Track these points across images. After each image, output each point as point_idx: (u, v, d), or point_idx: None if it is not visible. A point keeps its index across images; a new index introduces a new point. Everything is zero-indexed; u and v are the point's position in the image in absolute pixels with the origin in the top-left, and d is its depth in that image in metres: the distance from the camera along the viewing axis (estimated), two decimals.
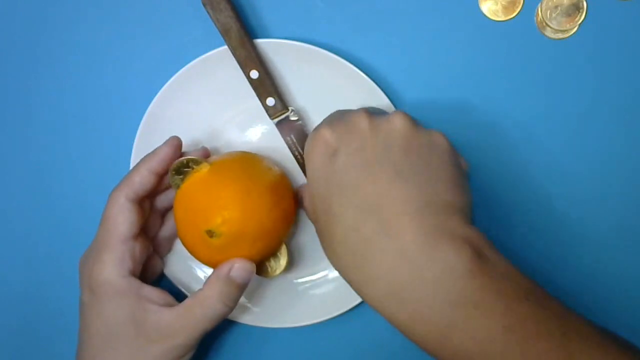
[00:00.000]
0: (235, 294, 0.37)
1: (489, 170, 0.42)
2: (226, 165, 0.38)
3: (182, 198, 0.38)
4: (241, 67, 0.40)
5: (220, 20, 0.40)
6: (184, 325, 0.36)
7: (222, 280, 0.37)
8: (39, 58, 0.46)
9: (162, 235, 0.42)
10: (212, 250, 0.37)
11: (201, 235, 0.36)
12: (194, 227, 0.37)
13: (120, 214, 0.37)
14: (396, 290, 0.31)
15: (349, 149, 0.33)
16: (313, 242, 0.41)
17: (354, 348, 0.44)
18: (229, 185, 0.37)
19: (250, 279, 0.38)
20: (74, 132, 0.46)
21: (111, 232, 0.37)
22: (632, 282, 0.42)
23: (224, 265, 0.37)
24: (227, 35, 0.40)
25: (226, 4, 0.40)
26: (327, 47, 0.41)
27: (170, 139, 0.39)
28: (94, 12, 0.45)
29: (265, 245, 0.38)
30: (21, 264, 0.46)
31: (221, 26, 0.40)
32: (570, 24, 0.41)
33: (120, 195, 0.38)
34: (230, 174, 0.38)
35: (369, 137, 0.33)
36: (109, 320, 0.37)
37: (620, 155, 0.42)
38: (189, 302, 0.37)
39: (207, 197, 0.37)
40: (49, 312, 0.46)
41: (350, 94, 0.41)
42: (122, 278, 0.37)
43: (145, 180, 0.38)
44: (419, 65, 0.43)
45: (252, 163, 0.39)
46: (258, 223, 0.37)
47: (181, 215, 0.38)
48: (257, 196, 0.37)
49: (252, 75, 0.41)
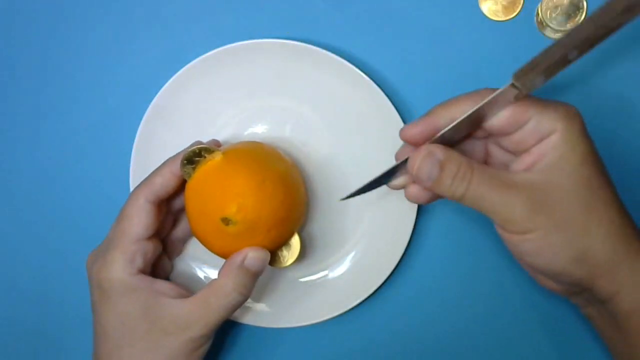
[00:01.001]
0: (250, 283, 0.37)
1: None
2: (239, 154, 0.38)
3: (195, 187, 0.37)
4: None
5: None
6: (200, 316, 0.36)
7: (236, 268, 0.36)
8: (39, 58, 0.46)
9: (174, 236, 0.42)
10: (227, 239, 0.37)
11: (215, 223, 0.36)
12: (208, 216, 0.37)
13: (137, 215, 0.37)
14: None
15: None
16: (322, 234, 0.42)
17: (354, 348, 0.44)
18: (244, 173, 0.36)
19: (264, 267, 0.38)
20: (74, 132, 0.46)
21: (125, 232, 0.37)
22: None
23: (237, 254, 0.37)
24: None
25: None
26: (327, 47, 0.41)
27: (195, 143, 0.39)
28: (94, 13, 0.45)
29: (279, 234, 0.38)
30: (30, 261, 0.46)
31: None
32: (570, 24, 0.41)
33: (140, 196, 0.38)
34: (244, 162, 0.37)
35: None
36: (123, 317, 0.37)
37: (621, 154, 0.42)
38: (203, 292, 0.37)
39: (222, 185, 0.36)
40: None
41: (350, 94, 0.41)
42: (132, 276, 0.37)
43: (167, 183, 0.38)
44: (418, 65, 0.43)
45: (264, 152, 0.39)
46: (272, 211, 0.37)
47: (194, 204, 0.37)
48: (271, 184, 0.37)
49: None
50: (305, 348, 0.44)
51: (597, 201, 0.32)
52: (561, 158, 0.32)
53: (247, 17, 0.44)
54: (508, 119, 0.32)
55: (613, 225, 0.32)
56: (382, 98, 0.40)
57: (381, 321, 0.44)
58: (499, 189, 0.32)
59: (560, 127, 0.32)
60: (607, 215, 0.32)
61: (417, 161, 0.33)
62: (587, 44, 0.28)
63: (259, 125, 0.43)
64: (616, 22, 0.27)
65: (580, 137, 0.32)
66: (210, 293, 0.37)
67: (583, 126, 0.32)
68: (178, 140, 0.43)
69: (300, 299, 0.43)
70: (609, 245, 0.32)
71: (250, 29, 0.43)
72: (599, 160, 0.33)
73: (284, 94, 0.43)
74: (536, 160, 0.32)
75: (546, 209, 0.32)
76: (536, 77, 0.30)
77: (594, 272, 0.32)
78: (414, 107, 0.43)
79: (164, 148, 0.42)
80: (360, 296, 0.41)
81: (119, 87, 0.45)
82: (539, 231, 0.32)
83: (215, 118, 0.43)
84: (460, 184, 0.32)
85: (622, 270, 0.32)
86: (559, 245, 0.32)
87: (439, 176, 0.32)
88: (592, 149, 0.33)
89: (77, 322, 0.45)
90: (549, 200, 0.32)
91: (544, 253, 0.32)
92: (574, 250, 0.32)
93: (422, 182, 0.33)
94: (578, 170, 0.32)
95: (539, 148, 0.32)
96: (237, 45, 0.41)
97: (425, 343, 0.43)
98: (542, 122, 0.32)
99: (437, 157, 0.32)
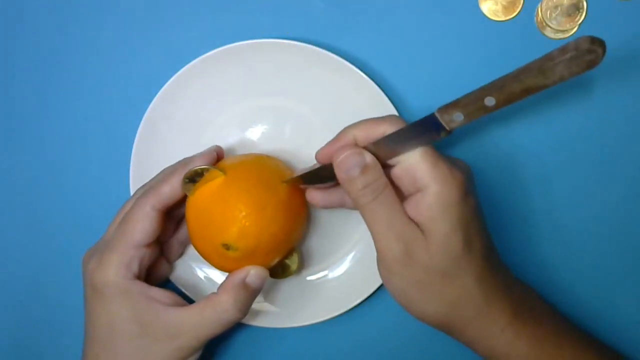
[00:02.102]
0: (249, 301, 0.37)
1: (487, 168, 0.42)
2: (241, 175, 0.38)
3: (195, 206, 0.38)
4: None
5: None
6: (193, 326, 0.36)
7: (237, 286, 0.37)
8: (40, 58, 0.46)
9: (175, 240, 0.42)
10: (227, 260, 0.37)
11: (216, 246, 0.37)
12: (209, 238, 0.37)
13: (141, 221, 0.37)
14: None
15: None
16: (323, 234, 0.43)
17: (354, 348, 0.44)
18: (245, 199, 0.37)
19: (264, 285, 0.38)
20: (74, 132, 0.46)
21: (126, 236, 0.37)
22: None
23: (239, 272, 0.37)
24: None
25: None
26: (327, 47, 0.41)
27: (206, 151, 0.39)
28: (94, 13, 0.45)
29: (279, 255, 0.39)
30: (30, 261, 0.46)
31: None
32: (570, 24, 0.41)
33: (146, 203, 0.38)
34: (246, 186, 0.37)
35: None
36: (113, 317, 0.37)
37: (621, 155, 0.42)
38: (201, 304, 0.37)
39: (223, 210, 0.37)
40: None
41: (350, 94, 0.41)
42: (126, 280, 0.37)
43: (175, 193, 0.38)
44: (418, 65, 0.43)
45: (266, 171, 0.39)
46: (272, 236, 0.37)
47: (195, 224, 0.38)
48: (272, 211, 0.37)
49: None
50: (305, 348, 0.44)
51: (459, 270, 0.34)
52: (432, 220, 0.33)
53: (247, 17, 0.44)
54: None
55: (467, 291, 0.34)
56: (382, 98, 0.40)
57: (381, 321, 0.44)
58: (389, 223, 0.34)
59: (435, 189, 0.33)
60: (464, 281, 0.34)
61: (346, 152, 0.34)
62: (504, 95, 0.30)
63: (259, 125, 0.43)
64: (534, 82, 0.29)
65: (454, 202, 0.33)
66: (207, 306, 0.37)
67: (463, 189, 0.33)
68: (178, 139, 0.43)
69: (300, 299, 0.43)
70: (463, 305, 0.34)
71: (250, 29, 0.43)
72: (475, 221, 0.34)
73: (284, 94, 0.43)
74: (414, 212, 0.34)
75: (410, 264, 0.34)
76: (454, 113, 0.31)
77: (449, 326, 0.35)
78: (414, 107, 0.43)
79: (165, 148, 0.43)
80: (360, 296, 0.41)
81: (119, 87, 0.45)
82: (403, 281, 0.34)
83: (215, 118, 0.43)
84: (368, 194, 0.34)
85: (472, 329, 0.35)
86: (415, 302, 0.35)
87: (356, 176, 0.34)
88: (466, 213, 0.34)
89: (75, 321, 0.44)
90: (415, 256, 0.33)
91: (400, 299, 0.35)
92: (424, 310, 0.35)
93: (340, 172, 0.34)
94: (447, 237, 0.33)
95: (417, 200, 0.33)
96: (237, 45, 0.41)
97: (425, 342, 0.43)
98: (422, 174, 0.33)
99: (365, 159, 0.34)
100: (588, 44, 0.27)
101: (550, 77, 0.28)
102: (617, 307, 0.42)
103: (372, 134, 0.34)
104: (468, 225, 0.34)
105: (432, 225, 0.33)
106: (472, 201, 0.34)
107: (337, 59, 0.40)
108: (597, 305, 0.42)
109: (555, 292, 0.42)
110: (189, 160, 0.39)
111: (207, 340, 0.37)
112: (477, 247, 0.34)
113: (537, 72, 0.28)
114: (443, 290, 0.34)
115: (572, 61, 0.27)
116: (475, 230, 0.34)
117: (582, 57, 0.27)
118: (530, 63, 0.28)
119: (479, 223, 0.35)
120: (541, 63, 0.28)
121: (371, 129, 0.35)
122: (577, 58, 0.27)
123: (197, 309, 0.37)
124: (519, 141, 0.42)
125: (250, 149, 0.43)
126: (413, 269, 0.34)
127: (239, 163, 0.39)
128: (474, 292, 0.34)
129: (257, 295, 0.38)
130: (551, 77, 0.28)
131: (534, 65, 0.28)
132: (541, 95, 0.30)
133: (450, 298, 0.34)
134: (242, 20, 0.44)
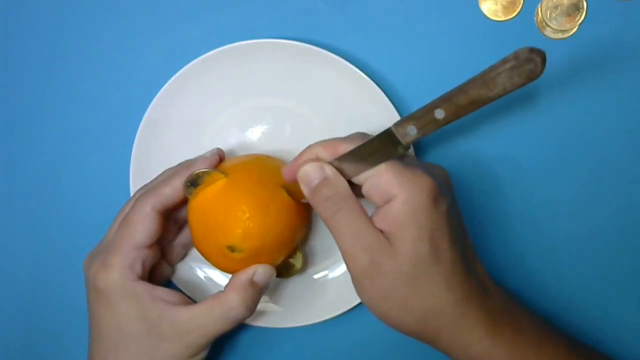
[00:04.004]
0: (257, 298, 0.37)
1: (486, 167, 0.42)
2: (243, 177, 0.38)
3: (198, 209, 0.38)
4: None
5: None
6: (201, 324, 0.36)
7: (245, 283, 0.37)
8: (40, 58, 0.46)
9: (177, 243, 0.42)
10: (232, 262, 0.38)
11: (221, 248, 0.37)
12: (212, 241, 0.37)
13: (142, 223, 0.37)
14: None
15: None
16: (323, 234, 0.43)
17: (354, 347, 0.44)
18: (248, 200, 0.37)
19: (270, 283, 0.38)
20: (74, 132, 0.46)
21: (127, 238, 0.37)
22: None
23: (246, 271, 0.37)
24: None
25: None
26: (327, 47, 0.41)
27: (208, 154, 0.39)
28: (94, 13, 0.45)
29: (284, 254, 0.39)
30: (30, 261, 0.46)
31: None
32: (570, 24, 0.41)
33: (146, 205, 0.37)
34: (248, 187, 0.37)
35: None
36: (120, 318, 0.37)
37: (619, 154, 0.42)
38: (208, 301, 0.37)
39: (226, 212, 0.37)
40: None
41: (350, 94, 0.41)
42: (131, 281, 0.37)
43: (176, 194, 0.38)
44: (418, 65, 0.43)
45: (267, 171, 0.39)
46: (277, 236, 0.37)
47: (198, 227, 0.38)
48: (275, 210, 0.37)
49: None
50: (305, 348, 0.44)
51: (427, 277, 0.33)
52: (399, 228, 0.33)
53: (247, 17, 0.44)
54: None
55: (437, 300, 0.33)
56: (383, 98, 0.40)
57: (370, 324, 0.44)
58: (354, 234, 0.33)
59: (402, 197, 0.32)
60: (433, 289, 0.33)
61: (307, 165, 0.34)
62: (452, 107, 0.30)
63: (259, 125, 0.43)
64: (477, 93, 0.29)
65: (423, 207, 0.32)
66: (215, 304, 0.37)
67: (432, 194, 0.33)
68: (178, 139, 0.43)
69: (300, 299, 0.43)
70: (434, 314, 0.34)
71: (250, 29, 0.43)
72: (446, 227, 0.33)
73: (283, 94, 0.43)
74: (382, 223, 0.33)
75: (378, 275, 0.33)
76: (408, 126, 0.32)
77: (424, 336, 0.35)
78: (413, 107, 0.43)
79: (164, 148, 0.43)
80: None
81: (119, 87, 0.45)
82: (373, 292, 0.34)
83: (215, 118, 0.43)
84: (331, 206, 0.34)
85: (446, 339, 0.34)
86: (385, 313, 0.34)
87: (315, 188, 0.34)
88: (435, 219, 0.33)
89: (76, 321, 0.45)
90: (382, 267, 0.33)
91: (373, 310, 0.35)
92: (395, 320, 0.34)
93: (303, 185, 0.35)
94: (413, 244, 0.33)
95: (385, 210, 0.33)
96: (237, 45, 0.41)
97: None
98: (387, 185, 0.33)
99: (325, 171, 0.34)
100: (527, 53, 0.27)
101: (493, 88, 0.29)
102: (600, 309, 0.42)
103: (335, 151, 0.34)
104: (437, 231, 0.33)
105: (398, 233, 0.33)
106: (444, 207, 0.33)
107: (337, 59, 0.40)
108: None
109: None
110: (191, 163, 0.39)
111: (215, 337, 0.37)
112: (446, 254, 0.33)
113: (481, 83, 0.29)
114: (412, 298, 0.33)
115: (513, 71, 0.28)
116: (446, 236, 0.33)
117: (522, 66, 0.28)
118: (476, 75, 0.29)
119: (451, 229, 0.34)
120: (484, 74, 0.28)
121: (334, 146, 0.35)
122: (517, 68, 0.28)
123: (206, 307, 0.37)
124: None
125: (251, 149, 0.43)
126: (381, 279, 0.33)
127: (239, 164, 0.39)
128: (444, 301, 0.33)
129: (264, 293, 0.38)
130: (494, 89, 0.29)
131: (478, 76, 0.29)
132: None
133: (421, 307, 0.33)
134: (242, 20, 0.44)
